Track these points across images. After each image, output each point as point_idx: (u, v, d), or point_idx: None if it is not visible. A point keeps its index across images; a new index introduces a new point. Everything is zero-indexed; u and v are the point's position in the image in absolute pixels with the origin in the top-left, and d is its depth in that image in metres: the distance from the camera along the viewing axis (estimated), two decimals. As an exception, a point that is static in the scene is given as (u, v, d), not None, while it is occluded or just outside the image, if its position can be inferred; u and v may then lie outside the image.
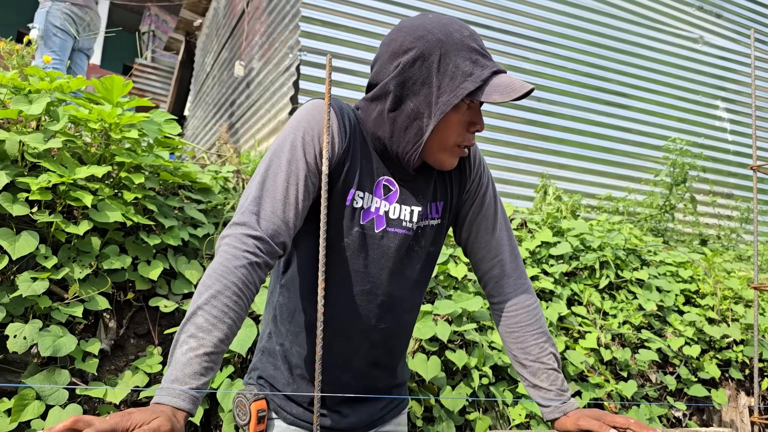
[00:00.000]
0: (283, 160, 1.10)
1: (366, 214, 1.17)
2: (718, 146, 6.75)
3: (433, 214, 1.27)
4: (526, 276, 1.34)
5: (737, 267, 4.00)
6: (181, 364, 0.90)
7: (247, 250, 1.01)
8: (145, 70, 13.19)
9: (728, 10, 7.35)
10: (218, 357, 0.94)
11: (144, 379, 2.01)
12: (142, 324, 2.22)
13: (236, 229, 1.04)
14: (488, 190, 1.33)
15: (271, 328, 1.29)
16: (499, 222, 1.32)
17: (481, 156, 1.34)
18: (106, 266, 2.06)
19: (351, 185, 1.16)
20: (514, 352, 1.29)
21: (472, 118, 1.14)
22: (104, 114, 2.15)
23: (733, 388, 3.20)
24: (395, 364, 1.35)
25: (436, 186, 1.27)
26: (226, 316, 0.95)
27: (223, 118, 7.08)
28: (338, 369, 1.25)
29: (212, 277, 0.98)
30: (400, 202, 1.21)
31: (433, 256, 1.31)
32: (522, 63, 5.80)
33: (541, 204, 4.42)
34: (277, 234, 1.06)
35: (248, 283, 1.00)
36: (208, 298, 0.95)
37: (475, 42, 1.11)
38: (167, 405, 0.86)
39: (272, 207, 1.06)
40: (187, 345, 0.91)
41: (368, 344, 1.24)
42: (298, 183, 1.09)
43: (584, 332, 2.94)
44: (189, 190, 2.67)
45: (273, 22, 5.63)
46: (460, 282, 2.84)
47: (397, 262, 1.21)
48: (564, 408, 1.23)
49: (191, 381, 0.89)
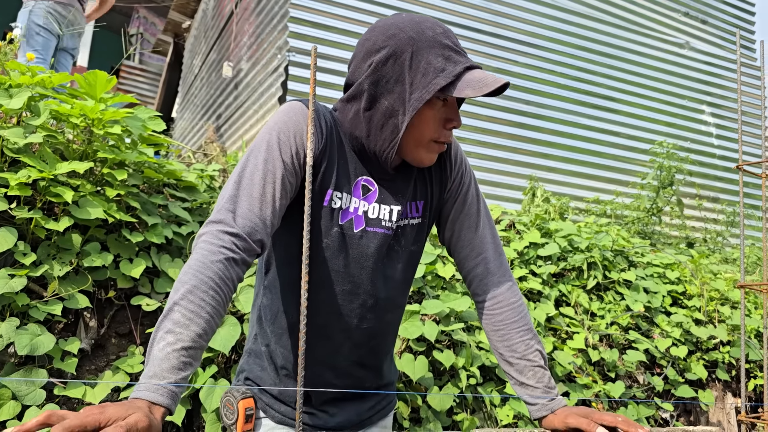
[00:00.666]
0: (259, 160, 1.09)
1: (344, 214, 1.17)
2: (704, 150, 6.81)
3: (413, 213, 1.26)
4: (510, 274, 1.33)
5: (723, 269, 4.02)
6: (159, 359, 0.88)
7: (224, 246, 1.00)
8: (132, 72, 13.10)
9: (713, 16, 7.43)
10: (197, 352, 0.92)
11: (125, 379, 1.97)
12: (124, 323, 2.18)
13: (213, 227, 1.03)
14: (470, 188, 1.32)
15: (257, 330, 1.29)
16: (482, 220, 1.32)
17: (462, 155, 1.34)
18: (87, 264, 2.02)
19: (328, 186, 1.15)
20: (500, 350, 1.28)
21: (448, 115, 1.13)
22: (87, 109, 2.11)
23: (719, 389, 3.21)
24: (380, 363, 1.33)
25: (416, 185, 1.26)
26: (203, 310, 0.93)
27: (211, 120, 7.03)
28: (321, 368, 1.24)
29: (188, 273, 0.96)
30: (379, 201, 1.20)
31: (415, 255, 1.30)
32: (511, 66, 5.82)
33: (530, 206, 4.42)
34: (254, 231, 1.05)
35: (225, 279, 0.99)
36: (185, 293, 0.94)
37: (448, 39, 1.11)
38: (144, 400, 0.84)
39: (249, 205, 1.06)
40: (164, 341, 0.89)
41: (350, 344, 1.23)
42: (275, 181, 1.08)
43: (572, 333, 2.93)
44: (174, 188, 2.64)
45: (261, 23, 5.61)
46: (448, 282, 2.82)
47: (377, 261, 1.21)
48: (551, 406, 1.21)
49: (169, 375, 0.87)
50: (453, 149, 1.30)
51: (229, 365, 2.14)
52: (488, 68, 5.66)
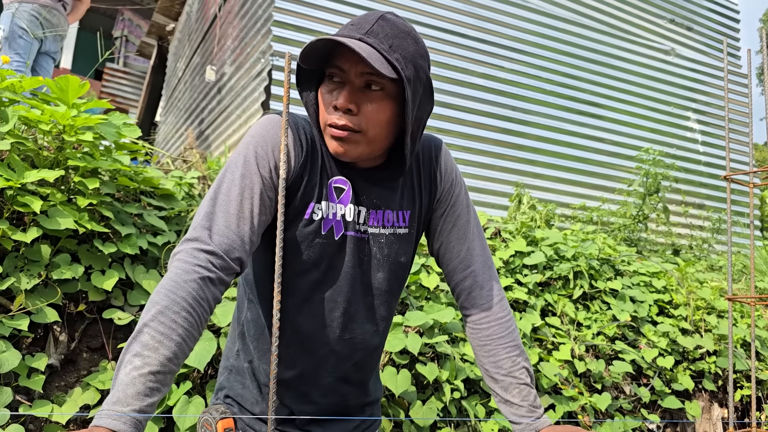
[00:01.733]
0: (236, 175, 1.06)
1: (326, 223, 1.14)
2: (690, 157, 6.83)
3: (399, 222, 1.22)
4: (500, 288, 1.29)
5: (709, 277, 4.00)
6: (124, 384, 0.83)
7: (199, 265, 0.96)
8: (116, 74, 12.96)
9: (698, 23, 7.47)
10: (166, 377, 0.88)
11: (95, 396, 1.89)
12: (96, 337, 2.10)
13: (188, 245, 0.99)
14: (459, 199, 1.28)
15: (239, 346, 1.25)
16: (472, 232, 1.28)
17: (453, 165, 1.30)
18: (57, 276, 1.94)
19: (311, 199, 1.12)
20: (486, 365, 1.24)
21: (335, 96, 1.08)
22: (57, 115, 2.04)
23: (706, 399, 3.18)
24: (366, 380, 1.30)
25: (402, 194, 1.22)
26: (173, 332, 0.89)
27: (195, 124, 6.94)
28: (306, 386, 1.21)
29: (160, 293, 0.92)
30: (353, 202, 1.16)
31: (403, 266, 1.25)
32: (497, 72, 5.80)
33: (516, 213, 4.38)
34: (231, 249, 1.01)
35: (200, 299, 0.94)
36: (155, 314, 0.89)
37: (350, 23, 1.09)
38: (105, 428, 0.79)
39: (225, 222, 1.02)
40: (131, 364, 0.85)
41: (335, 358, 1.20)
42: (252, 197, 1.05)
43: (558, 344, 2.89)
44: (151, 197, 2.56)
45: (245, 26, 5.54)
46: (432, 293, 2.77)
47: (354, 267, 1.17)
48: (536, 425, 1.17)
49: (134, 402, 0.82)
50: (443, 158, 1.27)
51: (205, 381, 2.06)
52: (473, 73, 5.63)
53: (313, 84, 1.13)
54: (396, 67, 1.02)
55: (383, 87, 1.06)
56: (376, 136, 1.08)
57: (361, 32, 1.04)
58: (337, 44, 1.02)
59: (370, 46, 1.02)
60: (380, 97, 1.06)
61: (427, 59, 1.11)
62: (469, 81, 5.61)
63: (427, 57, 1.12)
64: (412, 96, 1.06)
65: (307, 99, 1.14)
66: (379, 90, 1.06)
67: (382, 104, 1.06)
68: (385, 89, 1.06)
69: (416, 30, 1.12)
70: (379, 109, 1.06)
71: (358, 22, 1.08)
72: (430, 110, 1.15)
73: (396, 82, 1.06)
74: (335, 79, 1.07)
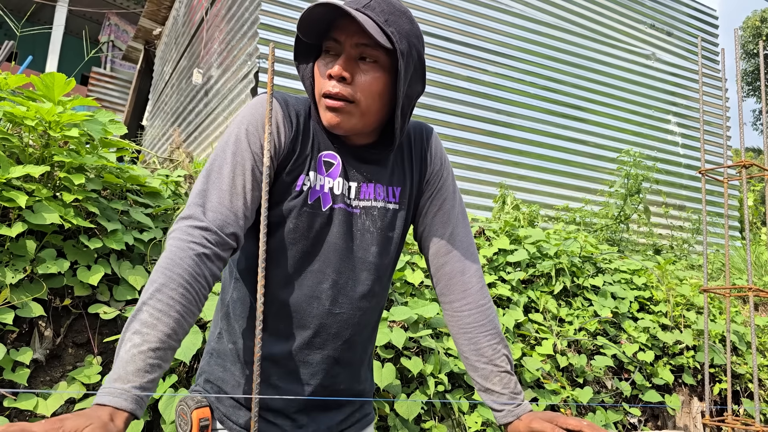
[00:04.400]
0: (228, 153, 1.08)
1: (313, 193, 1.14)
2: (670, 159, 6.94)
3: (390, 197, 1.22)
4: (481, 275, 1.28)
5: (689, 275, 4.07)
6: (124, 361, 0.85)
7: (194, 241, 0.97)
8: (102, 79, 12.90)
9: (678, 29, 7.61)
10: (166, 353, 0.89)
11: (81, 390, 1.90)
12: (82, 332, 2.11)
13: (182, 223, 1.01)
14: (447, 184, 1.29)
15: (223, 327, 1.23)
16: (456, 217, 1.28)
17: (443, 150, 1.31)
18: (42, 271, 1.95)
19: (301, 172, 1.13)
20: (467, 353, 1.24)
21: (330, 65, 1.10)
22: (43, 112, 2.05)
23: (686, 393, 3.24)
24: (356, 362, 1.26)
25: (393, 171, 1.23)
26: (171, 309, 0.90)
27: (182, 127, 6.94)
28: (293, 362, 1.17)
29: (157, 271, 0.94)
30: (342, 176, 1.17)
31: (394, 241, 1.24)
32: (482, 75, 5.86)
33: (500, 213, 4.43)
34: (225, 224, 1.02)
35: (196, 275, 0.95)
36: (153, 293, 0.91)
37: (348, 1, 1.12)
38: (107, 406, 0.80)
39: (219, 198, 1.04)
40: (130, 342, 0.87)
41: (324, 333, 1.17)
42: (244, 173, 1.07)
43: (541, 339, 2.94)
44: (137, 195, 2.58)
45: (232, 29, 5.56)
46: (416, 288, 2.81)
47: (345, 240, 1.17)
48: (517, 411, 1.18)
49: (134, 378, 0.84)
50: (433, 142, 1.29)
51: (191, 374, 2.08)
52: (458, 77, 5.70)
53: (310, 58, 1.16)
54: (391, 38, 1.05)
55: (377, 59, 1.08)
56: (368, 107, 1.10)
57: (359, 5, 1.07)
58: (334, 17, 1.06)
59: (367, 16, 1.05)
60: (374, 69, 1.09)
61: (421, 41, 1.14)
62: (454, 84, 5.67)
63: (421, 39, 1.14)
64: (405, 70, 1.08)
65: (304, 72, 1.16)
66: (372, 62, 1.08)
67: (375, 75, 1.09)
68: (379, 61, 1.09)
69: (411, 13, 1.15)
70: (373, 80, 1.08)
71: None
72: (421, 91, 1.18)
73: (390, 54, 1.09)
74: (331, 53, 1.10)
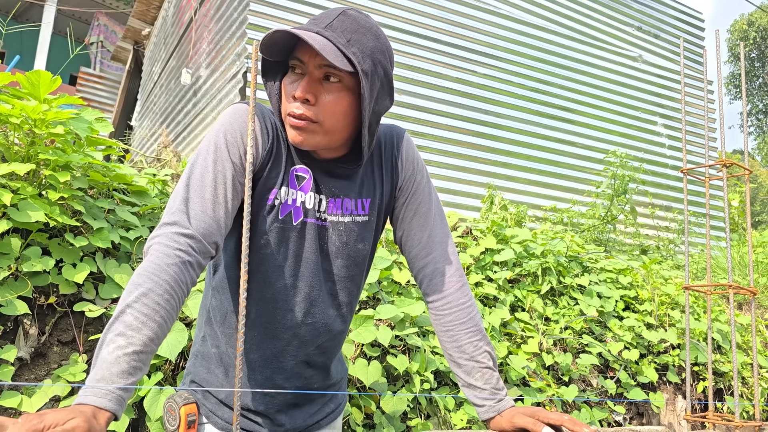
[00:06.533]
0: (209, 162, 1.09)
1: (284, 207, 1.16)
2: (657, 160, 7.00)
3: (359, 210, 1.24)
4: (461, 274, 1.31)
5: (675, 275, 4.12)
6: (108, 362, 0.85)
7: (180, 249, 0.99)
8: (91, 79, 12.82)
9: (665, 31, 7.69)
10: (147, 357, 0.90)
11: (66, 388, 1.90)
12: (67, 330, 2.11)
13: (167, 229, 1.01)
14: (421, 187, 1.31)
15: (206, 331, 1.27)
16: (433, 220, 1.30)
17: (415, 154, 1.33)
18: (27, 269, 1.95)
19: (273, 185, 1.15)
20: (450, 351, 1.27)
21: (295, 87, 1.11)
22: (28, 109, 2.05)
23: (670, 391, 3.27)
24: (328, 363, 1.32)
25: (363, 182, 1.25)
26: (156, 314, 0.91)
27: (170, 127, 6.92)
28: (270, 370, 1.23)
29: (143, 275, 0.94)
30: (313, 190, 1.19)
31: (361, 253, 1.27)
32: (470, 77, 5.90)
33: (488, 214, 4.46)
34: (209, 233, 1.04)
35: (180, 283, 0.97)
36: (138, 296, 0.91)
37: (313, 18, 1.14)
38: (90, 405, 0.81)
39: (202, 207, 1.05)
40: (114, 344, 0.87)
41: (297, 341, 1.22)
42: (225, 182, 1.08)
43: (527, 337, 2.96)
44: (124, 193, 2.57)
45: (221, 29, 5.56)
46: (403, 287, 2.82)
47: (315, 253, 1.20)
48: (498, 407, 1.20)
49: (118, 380, 0.84)
50: (404, 147, 1.30)
51: (176, 372, 2.08)
52: (447, 78, 5.73)
53: (277, 75, 1.17)
54: (352, 60, 1.05)
55: (341, 79, 1.08)
56: (332, 126, 1.11)
57: (320, 26, 1.08)
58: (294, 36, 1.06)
59: (327, 39, 1.05)
60: (338, 89, 1.09)
61: (387, 55, 1.14)
62: (442, 85, 5.69)
63: (389, 53, 1.14)
64: (369, 90, 1.09)
65: (271, 89, 1.17)
66: (336, 82, 1.08)
67: (339, 96, 1.09)
68: (343, 82, 1.09)
69: (379, 27, 1.14)
70: (336, 100, 1.09)
71: (320, 17, 1.11)
72: (388, 106, 1.18)
73: (354, 75, 1.09)
74: (297, 71, 1.11)
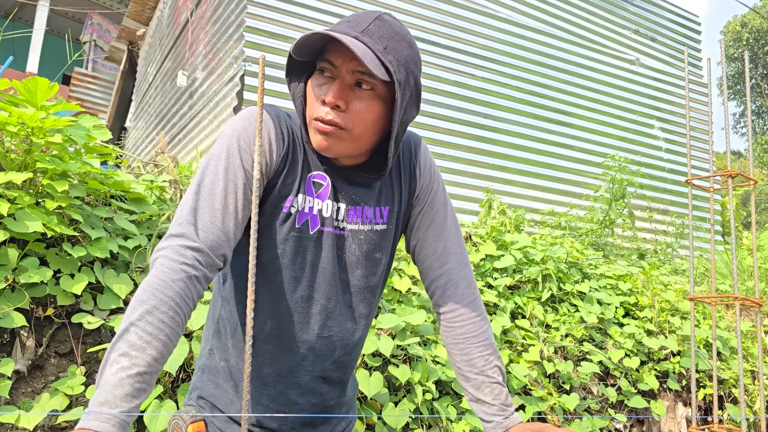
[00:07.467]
0: (220, 169, 1.04)
1: (301, 216, 1.12)
2: (654, 164, 7.01)
3: (377, 218, 1.21)
4: (475, 287, 1.29)
5: (673, 280, 4.11)
6: (111, 385, 0.82)
7: (186, 263, 0.95)
8: (84, 79, 12.73)
9: (662, 34, 7.70)
10: (152, 377, 0.86)
11: (64, 401, 1.87)
12: (65, 342, 2.08)
13: (173, 241, 0.97)
14: (437, 196, 1.28)
15: (213, 344, 1.22)
16: (449, 230, 1.28)
17: (432, 162, 1.30)
18: (24, 280, 1.92)
19: (289, 192, 1.11)
20: (459, 364, 1.24)
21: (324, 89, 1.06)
22: (25, 117, 2.02)
23: (671, 398, 3.27)
24: (345, 379, 1.28)
25: (381, 190, 1.21)
26: (161, 333, 0.88)
27: (166, 129, 6.88)
28: (284, 385, 1.18)
29: (147, 291, 0.91)
30: (332, 198, 1.15)
31: (380, 262, 1.23)
32: (468, 80, 5.88)
33: (486, 218, 4.44)
34: (217, 245, 1.00)
35: (186, 298, 0.93)
36: (143, 314, 0.88)
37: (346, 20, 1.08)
38: (92, 431, 0.78)
39: (211, 217, 1.01)
40: (118, 364, 0.84)
41: (313, 356, 1.18)
42: (236, 192, 1.03)
43: (527, 345, 2.94)
44: (121, 201, 2.54)
45: (217, 31, 5.52)
46: (403, 295, 2.80)
47: (333, 264, 1.16)
48: (506, 423, 1.17)
49: (122, 404, 0.81)
50: (422, 154, 1.26)
51: (176, 385, 2.05)
52: (445, 81, 5.71)
53: (302, 76, 1.12)
54: (389, 69, 1.01)
55: (373, 87, 1.05)
56: (361, 134, 1.07)
57: (357, 30, 1.03)
58: (332, 39, 1.01)
59: (365, 45, 1.01)
60: (370, 97, 1.05)
61: (418, 65, 1.11)
62: (441, 89, 5.68)
63: (419, 62, 1.11)
64: (401, 100, 1.05)
65: (295, 90, 1.12)
66: (369, 89, 1.05)
67: (370, 104, 1.05)
68: (375, 89, 1.05)
69: (411, 34, 1.11)
70: (368, 108, 1.05)
71: (354, 20, 1.06)
72: (415, 115, 1.14)
73: (386, 83, 1.05)
74: (326, 74, 1.06)
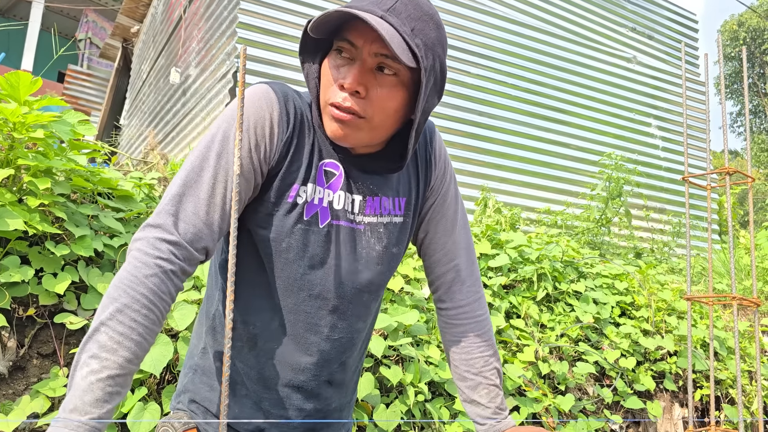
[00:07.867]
0: (212, 154, 0.95)
1: (310, 207, 1.03)
2: (651, 162, 6.98)
3: (396, 210, 1.13)
4: (480, 285, 1.24)
5: (670, 279, 4.08)
6: (81, 390, 0.77)
7: (160, 257, 0.88)
8: (79, 77, 12.66)
9: (659, 32, 7.67)
10: (125, 379, 0.81)
11: (45, 404, 1.82)
12: (47, 342, 2.03)
13: (149, 232, 0.90)
14: (450, 189, 1.21)
15: (207, 342, 1.12)
16: (459, 224, 1.22)
17: (446, 151, 1.23)
18: (4, 279, 1.87)
19: (294, 180, 1.01)
20: (456, 362, 1.19)
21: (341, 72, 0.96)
22: (6, 112, 1.96)
23: (667, 399, 3.23)
24: (349, 381, 1.20)
25: (399, 180, 1.13)
26: (133, 332, 0.82)
27: (159, 127, 6.82)
28: (287, 389, 1.09)
29: (118, 288, 0.85)
30: (344, 189, 1.06)
31: (396, 258, 1.16)
32: (464, 78, 5.84)
33: (482, 216, 4.40)
34: (197, 238, 0.92)
35: (162, 294, 0.87)
36: (113, 313, 0.82)
37: None
38: None
39: (194, 207, 0.93)
40: (88, 367, 0.79)
41: (321, 359, 1.09)
42: (227, 180, 0.95)
43: (522, 345, 2.90)
44: (108, 198, 2.49)
45: (210, 28, 5.47)
46: (396, 295, 2.75)
47: (348, 259, 1.07)
48: (499, 427, 1.13)
49: (92, 410, 0.76)
50: (437, 143, 1.19)
51: (161, 386, 2.01)
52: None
53: (317, 55, 1.02)
54: (416, 54, 0.91)
55: (397, 72, 0.95)
56: (380, 124, 0.98)
57: (383, 8, 0.92)
58: (354, 17, 0.91)
59: (392, 26, 0.90)
60: (392, 83, 0.95)
61: (445, 47, 1.00)
62: (436, 86, 5.64)
63: (446, 45, 1.00)
64: (426, 87, 0.96)
65: (309, 71, 1.02)
66: (392, 75, 0.95)
67: (392, 91, 0.96)
68: (399, 75, 0.95)
69: (438, 13, 0.99)
70: (389, 95, 0.96)
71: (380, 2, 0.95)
72: (436, 103, 1.05)
73: (411, 69, 0.95)
74: (344, 55, 0.96)
